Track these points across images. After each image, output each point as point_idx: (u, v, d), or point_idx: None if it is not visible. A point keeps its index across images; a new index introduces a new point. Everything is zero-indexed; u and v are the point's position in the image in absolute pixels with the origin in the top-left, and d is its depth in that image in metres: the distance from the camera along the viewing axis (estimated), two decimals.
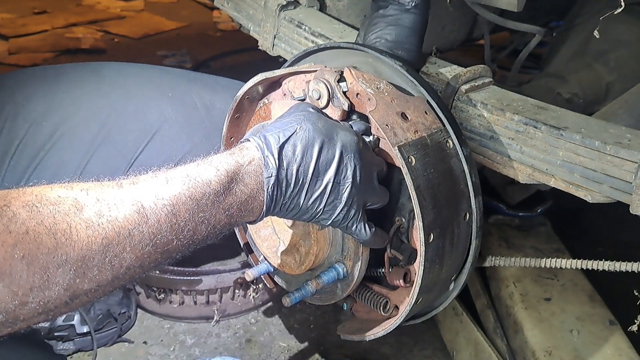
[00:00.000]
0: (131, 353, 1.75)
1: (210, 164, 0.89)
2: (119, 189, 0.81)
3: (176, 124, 1.46)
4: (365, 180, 0.98)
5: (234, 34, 3.67)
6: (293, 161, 0.92)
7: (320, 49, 1.17)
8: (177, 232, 0.84)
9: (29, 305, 0.73)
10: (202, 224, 0.86)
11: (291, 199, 0.93)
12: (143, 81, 1.51)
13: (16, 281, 0.71)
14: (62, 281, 0.74)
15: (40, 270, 0.73)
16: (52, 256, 0.73)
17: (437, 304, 1.18)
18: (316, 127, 0.95)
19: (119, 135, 1.42)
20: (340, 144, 0.95)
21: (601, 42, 1.70)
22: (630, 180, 0.95)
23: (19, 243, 0.71)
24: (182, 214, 0.84)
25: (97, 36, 3.74)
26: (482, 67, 1.21)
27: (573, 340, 1.51)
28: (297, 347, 1.78)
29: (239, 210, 0.90)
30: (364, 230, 1.00)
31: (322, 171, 0.94)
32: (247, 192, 0.90)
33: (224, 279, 1.78)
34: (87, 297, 0.79)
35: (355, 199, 0.97)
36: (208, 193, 0.86)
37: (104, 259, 0.77)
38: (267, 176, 0.90)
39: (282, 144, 0.92)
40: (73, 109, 1.41)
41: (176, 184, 0.84)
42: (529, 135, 1.07)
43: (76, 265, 0.75)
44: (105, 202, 0.79)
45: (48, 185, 0.79)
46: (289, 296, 1.10)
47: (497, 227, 1.89)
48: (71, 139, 1.39)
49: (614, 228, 2.15)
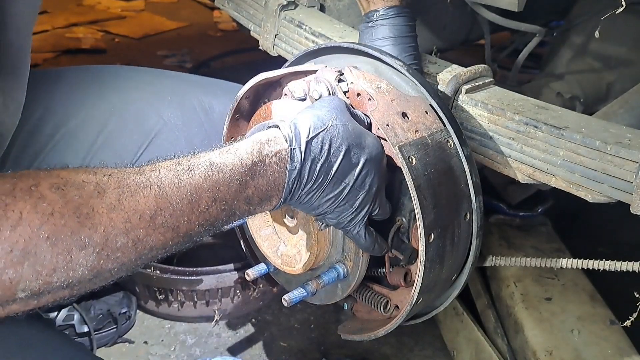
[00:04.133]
0: (132, 353, 1.75)
1: (235, 153, 0.89)
2: (141, 174, 0.82)
3: (175, 127, 1.46)
4: (378, 191, 0.99)
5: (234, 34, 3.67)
6: (318, 158, 0.92)
7: (320, 49, 1.17)
8: (198, 218, 0.85)
9: (52, 285, 0.75)
10: (223, 212, 0.87)
11: (307, 194, 0.94)
12: (142, 85, 1.51)
13: (40, 261, 0.73)
14: (86, 262, 0.76)
15: (64, 252, 0.74)
16: (75, 238, 0.75)
17: (438, 303, 1.18)
18: (346, 128, 0.95)
19: (118, 138, 1.42)
20: (367, 151, 0.96)
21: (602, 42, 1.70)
22: (630, 180, 0.95)
23: (44, 224, 0.73)
24: (203, 201, 0.84)
25: (98, 36, 3.74)
26: (483, 67, 1.21)
27: (574, 340, 1.51)
28: (298, 347, 1.78)
29: (259, 199, 0.90)
30: (364, 237, 1.01)
31: (344, 174, 0.94)
32: (269, 183, 0.90)
33: (225, 279, 1.78)
34: (110, 275, 0.80)
35: (366, 207, 0.98)
36: (231, 183, 0.87)
37: (126, 241, 0.79)
38: (290, 169, 0.90)
39: (311, 138, 0.91)
40: (72, 112, 1.41)
41: (199, 172, 0.85)
42: (529, 135, 1.07)
43: (99, 247, 0.77)
44: (127, 187, 0.80)
45: (74, 169, 0.80)
46: (289, 296, 1.10)
47: (497, 226, 1.89)
48: (70, 142, 1.39)
49: (614, 228, 2.15)
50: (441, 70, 1.23)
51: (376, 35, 1.22)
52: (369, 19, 1.24)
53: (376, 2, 1.22)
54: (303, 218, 1.08)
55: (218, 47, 3.58)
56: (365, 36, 1.24)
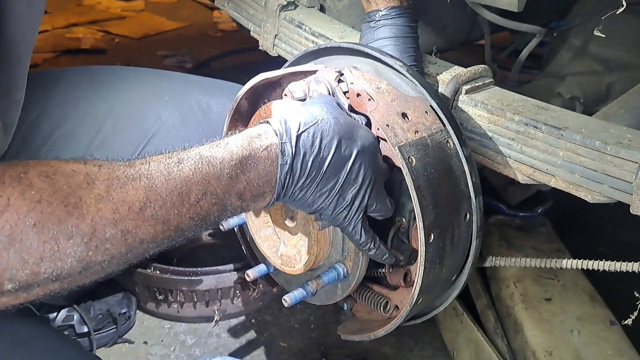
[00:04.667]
0: (131, 353, 1.75)
1: (226, 147, 0.89)
2: (131, 167, 0.82)
3: (173, 127, 1.46)
4: (373, 185, 0.98)
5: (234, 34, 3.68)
6: (310, 152, 0.91)
7: (320, 50, 1.17)
8: (189, 211, 0.84)
9: (40, 275, 0.75)
10: (215, 206, 0.87)
11: (301, 190, 0.93)
12: (140, 85, 1.51)
13: (26, 248, 0.73)
14: (74, 252, 0.76)
15: (50, 240, 0.74)
16: (62, 226, 0.75)
17: (438, 304, 1.18)
18: (337, 121, 0.94)
19: (115, 138, 1.42)
20: (359, 143, 0.95)
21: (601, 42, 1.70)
22: (630, 180, 0.95)
23: (31, 211, 0.73)
24: (193, 194, 0.84)
25: (98, 36, 3.74)
26: (483, 67, 1.20)
27: (573, 340, 1.51)
28: (298, 347, 1.78)
29: (251, 194, 0.90)
30: (359, 233, 1.00)
31: (336, 168, 0.94)
32: (261, 177, 0.90)
33: (224, 279, 1.78)
34: (101, 268, 0.80)
35: (359, 201, 0.97)
36: (221, 177, 0.86)
37: (115, 232, 0.78)
38: (281, 163, 0.90)
39: (301, 132, 0.91)
40: (69, 113, 1.41)
41: (189, 165, 0.85)
42: (529, 136, 1.07)
43: (87, 237, 0.76)
44: (116, 179, 0.80)
45: (65, 160, 0.80)
46: (289, 296, 1.10)
47: (497, 227, 1.89)
48: (67, 143, 1.39)
49: (614, 228, 2.15)
50: (441, 70, 1.23)
51: (378, 35, 1.22)
52: (370, 19, 1.24)
53: (378, 2, 1.23)
54: (303, 218, 1.08)
55: (218, 47, 3.58)
56: (367, 36, 1.24)
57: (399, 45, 1.21)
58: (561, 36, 1.86)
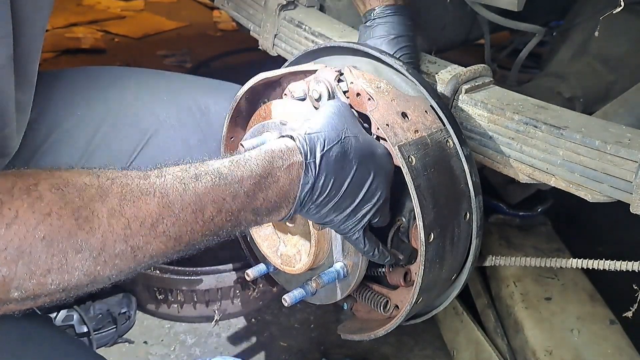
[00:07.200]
0: (131, 353, 1.75)
1: (246, 164, 0.87)
2: (145, 179, 0.80)
3: (171, 127, 1.46)
4: (384, 203, 0.99)
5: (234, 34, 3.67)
6: (331, 172, 0.91)
7: (320, 49, 1.17)
8: (202, 228, 0.83)
9: (47, 287, 0.74)
10: (229, 222, 0.86)
11: (317, 206, 0.93)
12: (138, 85, 1.51)
13: (35, 261, 0.72)
14: (82, 266, 0.75)
15: (59, 253, 0.73)
16: (72, 240, 0.74)
17: (438, 303, 1.18)
18: (357, 140, 0.95)
19: (114, 139, 1.42)
20: (376, 165, 0.96)
21: (601, 42, 1.70)
22: (630, 179, 0.95)
23: (40, 223, 0.72)
24: (208, 211, 0.83)
25: (98, 36, 3.74)
26: (483, 66, 1.20)
27: (573, 339, 1.51)
28: (298, 347, 1.78)
29: (267, 210, 0.89)
30: (362, 242, 1.01)
31: (354, 189, 0.94)
32: (279, 195, 0.89)
33: (224, 279, 1.78)
34: (108, 280, 0.79)
35: (369, 217, 0.98)
36: (239, 194, 0.85)
37: (125, 248, 0.77)
38: (304, 182, 0.90)
39: (325, 151, 0.91)
40: (68, 113, 1.41)
41: (205, 181, 0.83)
42: (529, 135, 1.07)
43: (96, 252, 0.75)
44: (129, 193, 0.78)
45: (77, 170, 0.79)
46: (289, 296, 1.10)
47: (497, 226, 1.89)
48: (65, 143, 1.38)
49: (614, 228, 2.15)
50: (441, 70, 1.23)
51: (374, 34, 1.22)
52: (366, 19, 1.24)
53: (372, 2, 1.23)
54: (303, 219, 1.08)
55: (218, 47, 3.58)
56: (364, 36, 1.24)
57: (394, 43, 1.21)
58: (561, 35, 1.86)
